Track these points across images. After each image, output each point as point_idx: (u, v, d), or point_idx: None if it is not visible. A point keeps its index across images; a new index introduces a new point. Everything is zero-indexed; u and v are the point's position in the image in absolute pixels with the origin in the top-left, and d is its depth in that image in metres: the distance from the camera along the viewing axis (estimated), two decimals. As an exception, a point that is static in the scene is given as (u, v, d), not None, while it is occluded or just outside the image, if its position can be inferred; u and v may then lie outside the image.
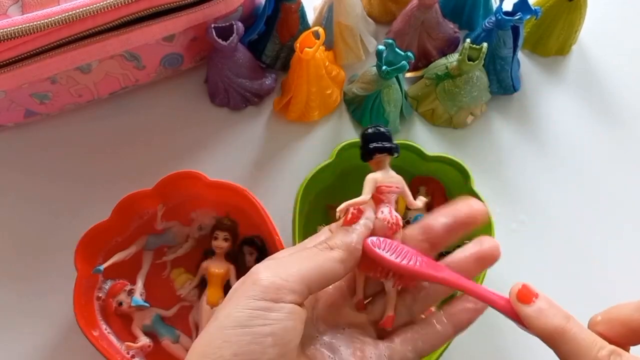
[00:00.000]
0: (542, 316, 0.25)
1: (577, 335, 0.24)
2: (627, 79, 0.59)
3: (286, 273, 0.26)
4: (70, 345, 0.47)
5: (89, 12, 0.43)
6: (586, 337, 0.24)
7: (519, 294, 0.26)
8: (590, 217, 0.52)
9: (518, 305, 0.26)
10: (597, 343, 0.24)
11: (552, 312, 0.25)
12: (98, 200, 0.47)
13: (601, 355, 0.24)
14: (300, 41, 0.49)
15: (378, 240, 0.28)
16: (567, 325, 0.24)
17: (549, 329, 0.25)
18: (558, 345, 0.24)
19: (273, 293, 0.25)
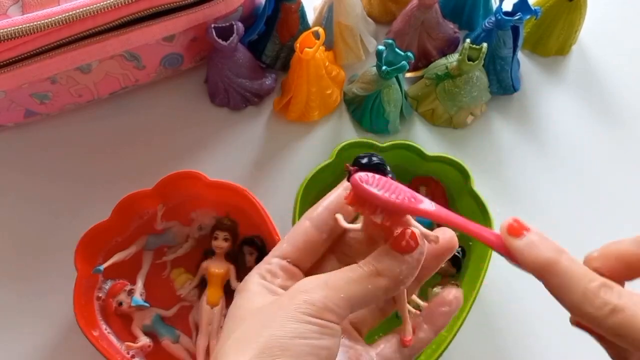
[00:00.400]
0: (533, 249, 0.25)
1: (568, 268, 0.24)
2: (627, 79, 0.59)
3: (336, 297, 0.26)
4: (70, 345, 0.47)
5: (89, 12, 0.43)
6: (577, 270, 0.24)
7: (510, 228, 0.25)
8: (590, 217, 0.52)
9: (509, 239, 0.25)
10: (588, 275, 0.24)
11: (543, 245, 0.25)
12: (98, 200, 0.48)
13: (591, 287, 0.23)
14: (300, 41, 0.49)
15: (366, 176, 0.27)
16: (558, 258, 0.24)
17: (539, 262, 0.24)
18: (548, 278, 0.24)
19: (324, 314, 0.26)
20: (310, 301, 0.26)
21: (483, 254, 0.44)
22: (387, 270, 0.27)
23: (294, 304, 0.26)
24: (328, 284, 0.27)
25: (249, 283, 0.29)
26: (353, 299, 0.26)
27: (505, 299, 0.49)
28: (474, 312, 0.43)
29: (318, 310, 0.25)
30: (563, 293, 0.24)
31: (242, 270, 0.47)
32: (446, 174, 0.48)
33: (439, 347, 0.42)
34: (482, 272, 0.44)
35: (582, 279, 0.24)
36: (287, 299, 0.27)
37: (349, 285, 0.27)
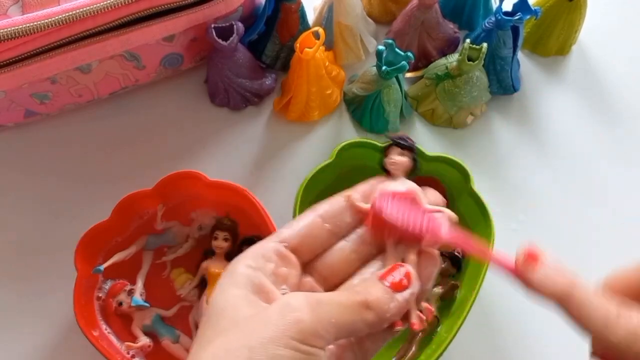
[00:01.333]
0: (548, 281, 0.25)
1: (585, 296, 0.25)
2: (627, 78, 0.59)
3: (327, 322, 0.25)
4: (71, 345, 0.47)
5: (89, 12, 0.43)
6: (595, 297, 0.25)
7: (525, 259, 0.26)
8: (591, 217, 0.52)
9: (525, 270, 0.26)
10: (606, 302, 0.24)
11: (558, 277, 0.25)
12: (98, 200, 0.47)
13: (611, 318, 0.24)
14: (300, 41, 0.49)
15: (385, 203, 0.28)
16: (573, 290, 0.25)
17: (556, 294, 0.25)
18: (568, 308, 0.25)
19: (313, 340, 0.24)
20: (300, 325, 0.24)
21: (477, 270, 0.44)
22: (376, 304, 0.26)
23: (282, 324, 0.24)
24: (320, 306, 0.25)
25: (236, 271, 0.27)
26: (341, 326, 0.25)
27: (506, 298, 0.49)
28: (474, 312, 0.43)
29: (307, 336, 0.24)
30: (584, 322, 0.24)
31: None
32: (446, 174, 0.48)
33: (439, 347, 0.42)
34: (482, 272, 0.44)
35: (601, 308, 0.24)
36: (276, 316, 0.25)
37: (340, 311, 0.25)
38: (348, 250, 0.30)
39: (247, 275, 0.27)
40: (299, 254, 0.29)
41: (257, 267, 0.28)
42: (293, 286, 0.29)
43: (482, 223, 0.45)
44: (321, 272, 0.30)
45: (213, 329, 0.26)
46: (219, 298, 0.27)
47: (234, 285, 0.27)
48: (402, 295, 0.27)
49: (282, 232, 0.29)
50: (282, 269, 0.28)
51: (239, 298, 0.26)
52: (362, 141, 0.48)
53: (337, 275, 0.30)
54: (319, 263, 0.30)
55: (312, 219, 0.30)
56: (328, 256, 0.30)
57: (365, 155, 0.48)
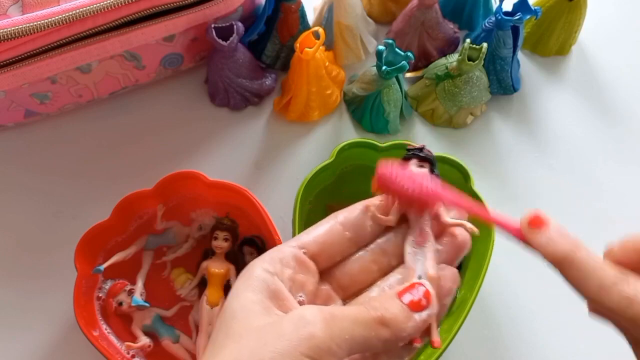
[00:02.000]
0: (550, 244, 0.25)
1: (584, 262, 0.25)
2: (627, 78, 0.59)
3: (341, 338, 0.24)
4: (71, 345, 0.47)
5: (89, 12, 0.43)
6: (594, 264, 0.25)
7: (530, 222, 0.26)
8: (591, 216, 0.52)
9: (529, 233, 0.26)
10: (604, 269, 0.25)
11: (561, 240, 0.25)
12: (98, 200, 0.48)
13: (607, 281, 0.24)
14: (300, 41, 0.49)
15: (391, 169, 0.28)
16: (575, 252, 0.25)
17: (557, 256, 0.25)
18: (565, 271, 0.25)
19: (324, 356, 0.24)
20: (313, 340, 0.24)
21: (483, 254, 0.44)
22: (394, 322, 0.26)
23: (295, 338, 0.24)
24: (334, 321, 0.25)
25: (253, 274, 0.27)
26: (355, 341, 0.25)
27: (505, 298, 0.49)
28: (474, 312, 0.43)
29: (320, 352, 0.24)
30: (580, 286, 0.25)
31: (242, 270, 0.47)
32: (446, 174, 0.48)
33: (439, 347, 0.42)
34: (482, 272, 0.44)
35: (598, 272, 0.24)
36: (290, 329, 0.24)
37: (354, 327, 0.25)
38: (367, 260, 0.30)
39: (264, 280, 0.27)
40: (318, 261, 0.29)
41: (275, 272, 0.27)
42: (310, 294, 0.28)
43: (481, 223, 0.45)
44: (339, 281, 0.30)
45: (225, 332, 0.25)
46: (234, 302, 0.26)
47: (250, 290, 0.26)
48: (420, 316, 0.26)
49: (302, 237, 0.29)
50: (299, 276, 0.28)
51: (254, 303, 0.26)
52: (362, 141, 0.48)
53: (355, 285, 0.30)
54: (337, 271, 0.30)
55: (332, 225, 0.29)
56: (347, 265, 0.30)
57: (365, 155, 0.48)
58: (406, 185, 0.28)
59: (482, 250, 0.45)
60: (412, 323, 0.26)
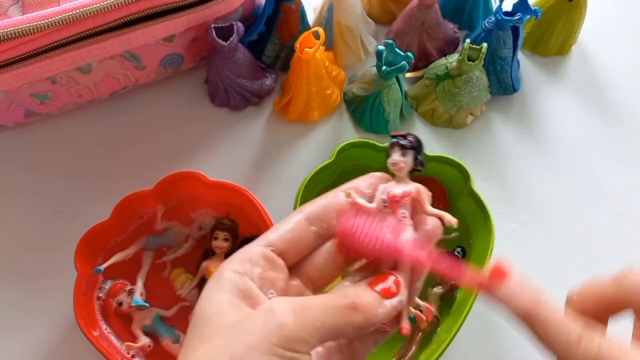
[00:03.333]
0: (512, 298, 0.25)
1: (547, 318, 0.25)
2: (626, 78, 0.59)
3: (311, 326, 0.25)
4: (71, 345, 0.47)
5: (90, 12, 0.43)
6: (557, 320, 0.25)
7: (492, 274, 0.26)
8: (591, 216, 0.52)
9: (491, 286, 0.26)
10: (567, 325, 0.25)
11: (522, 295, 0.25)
12: (98, 200, 0.48)
13: (572, 340, 0.24)
14: (300, 41, 0.49)
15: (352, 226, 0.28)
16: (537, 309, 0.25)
17: (520, 312, 0.25)
18: (530, 327, 0.25)
19: (298, 345, 0.24)
20: (284, 331, 0.24)
21: (483, 254, 0.44)
22: (365, 308, 0.26)
23: (265, 330, 0.24)
24: (304, 310, 0.25)
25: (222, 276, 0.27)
26: (326, 329, 0.25)
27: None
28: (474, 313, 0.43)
29: (291, 342, 0.24)
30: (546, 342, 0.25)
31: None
32: (446, 173, 0.48)
33: (438, 347, 0.42)
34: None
35: (563, 329, 0.25)
36: (260, 322, 0.24)
37: (326, 314, 0.25)
38: (334, 252, 0.30)
39: (233, 280, 0.27)
40: (286, 257, 0.29)
41: (244, 272, 0.27)
42: (280, 290, 0.28)
43: (482, 223, 0.46)
44: (309, 275, 0.30)
45: (199, 335, 0.25)
46: (205, 304, 0.26)
47: (220, 291, 0.27)
48: (391, 302, 0.27)
49: (268, 235, 0.29)
50: (269, 273, 0.28)
51: (224, 304, 0.26)
52: (362, 141, 0.48)
53: (324, 277, 0.30)
54: (306, 265, 0.30)
55: (298, 221, 0.29)
56: (313, 258, 0.30)
57: (365, 155, 0.48)
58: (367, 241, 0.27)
59: (482, 250, 0.45)
60: (383, 309, 0.27)
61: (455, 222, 0.30)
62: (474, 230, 0.47)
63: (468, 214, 0.47)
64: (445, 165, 0.48)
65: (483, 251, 0.45)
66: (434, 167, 0.48)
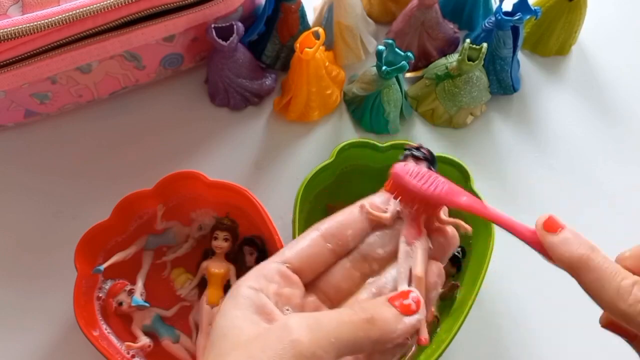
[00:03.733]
0: (567, 245, 0.25)
1: (601, 264, 0.24)
2: (626, 78, 0.59)
3: (326, 341, 0.24)
4: (71, 345, 0.47)
5: (90, 12, 0.43)
6: (610, 267, 0.24)
7: (545, 224, 0.26)
8: (590, 216, 0.52)
9: (544, 235, 0.26)
10: (621, 273, 0.24)
11: (577, 242, 0.25)
12: (98, 200, 0.48)
13: (624, 284, 0.24)
14: (300, 41, 0.49)
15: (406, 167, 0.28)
16: (591, 254, 0.25)
17: (574, 258, 0.25)
18: (582, 274, 0.25)
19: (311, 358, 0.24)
20: (298, 348, 0.24)
21: (483, 254, 0.44)
22: (384, 323, 0.26)
23: (280, 348, 0.24)
24: (319, 325, 0.25)
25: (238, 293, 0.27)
26: (342, 344, 0.25)
27: (505, 299, 0.49)
28: (474, 313, 0.43)
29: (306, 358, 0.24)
30: (596, 289, 0.24)
31: (242, 270, 0.47)
32: (446, 174, 0.48)
33: (438, 347, 0.42)
34: (482, 272, 0.44)
35: (616, 276, 0.24)
36: (274, 339, 0.24)
37: (341, 329, 0.25)
38: (349, 268, 0.30)
39: (249, 297, 0.27)
40: (302, 274, 0.29)
41: (260, 288, 0.27)
42: (296, 306, 0.28)
43: (482, 224, 0.45)
44: (325, 291, 0.30)
45: (216, 352, 0.25)
46: (221, 321, 0.27)
47: (236, 308, 0.27)
48: (410, 320, 0.27)
49: (284, 252, 0.29)
50: (285, 290, 0.28)
51: (241, 319, 0.26)
52: (362, 141, 0.48)
53: (340, 294, 0.30)
54: (322, 282, 0.30)
55: (314, 238, 0.29)
56: (330, 275, 0.30)
57: (365, 155, 0.48)
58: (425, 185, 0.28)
59: (482, 250, 0.45)
60: (402, 326, 0.26)
61: (470, 229, 0.30)
62: (474, 231, 0.47)
63: (468, 215, 0.47)
64: (445, 166, 0.48)
65: (483, 252, 0.45)
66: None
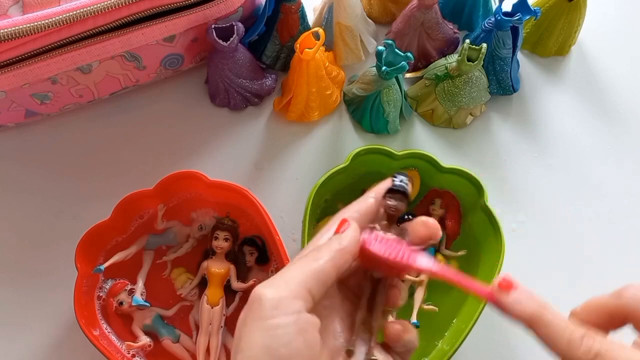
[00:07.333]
0: (519, 304, 0.27)
1: (551, 320, 0.26)
2: (626, 79, 0.59)
3: (285, 283, 0.27)
4: (71, 344, 0.47)
5: (90, 13, 0.43)
6: (560, 323, 0.26)
7: (500, 285, 0.28)
8: (590, 216, 0.53)
9: (499, 294, 0.28)
10: (570, 327, 0.26)
11: (528, 300, 0.27)
12: (98, 200, 0.48)
13: (574, 337, 0.26)
14: (300, 42, 0.49)
15: (370, 238, 0.30)
16: (543, 311, 0.27)
17: (527, 315, 0.27)
18: (537, 329, 0.27)
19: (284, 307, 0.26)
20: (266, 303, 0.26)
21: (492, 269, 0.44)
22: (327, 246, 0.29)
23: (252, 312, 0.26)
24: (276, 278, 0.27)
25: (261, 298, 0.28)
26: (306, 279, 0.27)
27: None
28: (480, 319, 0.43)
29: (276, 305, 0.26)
30: (551, 342, 0.26)
31: (242, 270, 0.47)
32: (460, 187, 0.48)
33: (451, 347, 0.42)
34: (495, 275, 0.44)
35: (565, 330, 0.26)
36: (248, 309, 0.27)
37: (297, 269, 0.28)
38: None
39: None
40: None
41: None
42: None
43: (492, 238, 0.45)
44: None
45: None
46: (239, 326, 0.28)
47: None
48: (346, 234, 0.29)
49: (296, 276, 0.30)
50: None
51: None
52: (378, 147, 0.47)
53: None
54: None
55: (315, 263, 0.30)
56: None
57: (380, 162, 0.48)
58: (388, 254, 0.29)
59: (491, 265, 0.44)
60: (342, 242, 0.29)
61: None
62: (484, 245, 0.47)
63: (479, 229, 0.47)
64: (460, 178, 0.47)
65: (492, 266, 0.44)
66: (449, 180, 0.48)
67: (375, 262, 0.30)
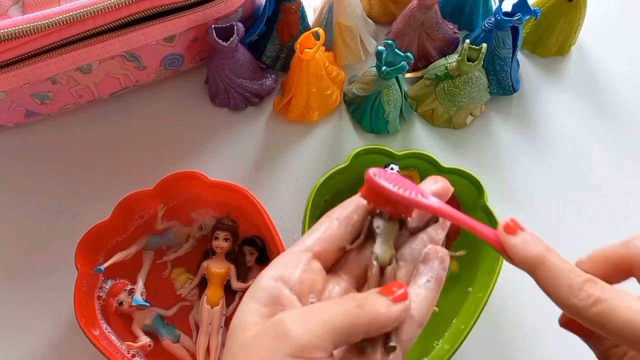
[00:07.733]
0: (524, 245, 0.26)
1: (556, 264, 0.26)
2: (626, 79, 0.59)
3: (320, 330, 0.25)
4: (71, 344, 0.47)
5: (90, 13, 0.43)
6: (565, 266, 0.26)
7: (506, 227, 0.27)
8: (590, 216, 0.53)
9: (504, 236, 0.27)
10: (574, 271, 0.25)
11: (535, 243, 0.26)
12: (98, 200, 0.48)
13: (576, 281, 0.25)
14: (300, 42, 0.49)
15: (378, 171, 0.29)
16: (547, 254, 0.26)
17: (531, 257, 0.26)
18: (538, 272, 0.26)
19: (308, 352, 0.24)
20: (293, 340, 0.24)
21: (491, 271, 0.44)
22: (373, 308, 0.26)
23: (276, 343, 0.24)
24: (311, 315, 0.26)
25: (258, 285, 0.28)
26: (335, 329, 0.25)
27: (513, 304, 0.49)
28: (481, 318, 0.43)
29: (303, 348, 0.24)
30: (550, 286, 0.25)
31: (242, 270, 0.47)
32: (460, 187, 0.48)
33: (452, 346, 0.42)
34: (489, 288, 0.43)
35: (568, 273, 0.25)
36: (271, 334, 0.25)
37: (332, 315, 0.26)
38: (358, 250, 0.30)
39: (266, 288, 0.27)
40: (323, 259, 0.29)
41: (279, 277, 0.28)
42: (319, 292, 0.29)
43: None
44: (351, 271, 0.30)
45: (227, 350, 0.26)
46: (236, 316, 0.27)
47: (252, 300, 0.27)
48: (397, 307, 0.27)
49: (304, 240, 0.29)
50: (306, 276, 0.28)
51: (251, 314, 0.27)
52: (379, 147, 0.47)
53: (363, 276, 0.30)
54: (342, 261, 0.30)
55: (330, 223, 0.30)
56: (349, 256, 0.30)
57: (379, 162, 0.47)
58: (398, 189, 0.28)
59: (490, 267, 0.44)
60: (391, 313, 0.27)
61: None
62: (484, 245, 0.46)
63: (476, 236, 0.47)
64: (460, 179, 0.47)
65: (492, 266, 0.44)
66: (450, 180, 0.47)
67: (383, 197, 0.29)
